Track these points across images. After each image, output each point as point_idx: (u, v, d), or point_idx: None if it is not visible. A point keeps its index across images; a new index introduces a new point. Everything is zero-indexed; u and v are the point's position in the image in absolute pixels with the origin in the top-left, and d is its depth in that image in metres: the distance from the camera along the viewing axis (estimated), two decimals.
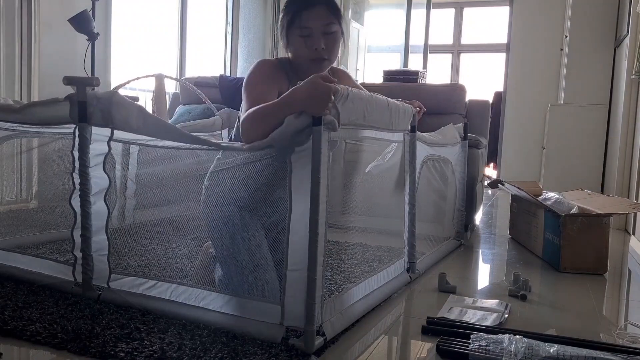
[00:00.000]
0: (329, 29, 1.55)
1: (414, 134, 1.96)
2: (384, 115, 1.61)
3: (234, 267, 1.50)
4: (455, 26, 7.28)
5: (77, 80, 1.54)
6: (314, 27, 1.53)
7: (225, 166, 1.58)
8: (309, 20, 1.53)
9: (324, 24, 1.54)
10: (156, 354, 1.23)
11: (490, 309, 1.68)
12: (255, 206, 1.58)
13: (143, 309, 1.51)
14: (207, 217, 1.57)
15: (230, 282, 1.50)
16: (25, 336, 1.32)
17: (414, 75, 3.91)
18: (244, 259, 1.49)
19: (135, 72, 4.24)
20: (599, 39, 4.48)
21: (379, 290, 1.72)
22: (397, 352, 1.39)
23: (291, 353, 1.26)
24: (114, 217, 2.62)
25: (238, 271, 1.49)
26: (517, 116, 5.71)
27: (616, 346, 1.37)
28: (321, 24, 1.53)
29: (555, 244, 2.34)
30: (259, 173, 1.53)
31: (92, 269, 1.62)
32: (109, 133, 1.59)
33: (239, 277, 1.48)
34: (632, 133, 3.46)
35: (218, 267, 1.63)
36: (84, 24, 3.10)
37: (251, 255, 1.49)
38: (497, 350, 1.26)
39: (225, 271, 1.53)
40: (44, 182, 3.03)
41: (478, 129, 3.28)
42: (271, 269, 1.51)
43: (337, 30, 1.57)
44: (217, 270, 1.64)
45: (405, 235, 2.00)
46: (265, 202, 1.61)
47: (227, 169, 1.58)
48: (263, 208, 1.62)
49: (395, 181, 2.05)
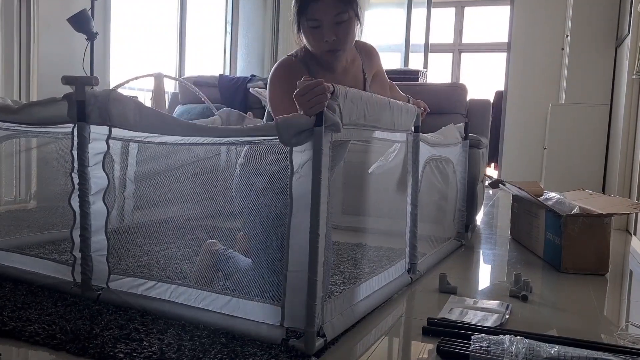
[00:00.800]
0: (339, 18, 1.49)
1: (417, 134, 1.95)
2: (385, 115, 1.61)
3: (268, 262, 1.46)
4: (456, 25, 7.27)
5: (75, 80, 1.54)
6: (323, 19, 1.48)
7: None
8: (317, 12, 1.47)
9: (333, 14, 1.47)
10: (155, 354, 1.22)
11: (491, 309, 1.68)
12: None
13: (142, 309, 1.51)
14: (246, 185, 1.53)
15: (260, 277, 1.47)
16: (24, 337, 1.32)
17: (415, 75, 3.91)
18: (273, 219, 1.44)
19: (135, 71, 4.24)
20: (600, 39, 4.47)
21: (379, 292, 1.71)
22: (398, 353, 1.38)
23: (291, 354, 1.25)
24: (113, 217, 2.62)
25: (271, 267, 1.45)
26: (518, 116, 5.70)
27: (617, 347, 1.37)
28: (331, 15, 1.47)
29: (556, 245, 2.33)
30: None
31: (91, 270, 1.61)
32: (107, 131, 1.58)
33: (270, 274, 1.45)
34: (634, 133, 3.45)
35: (233, 262, 1.61)
36: (83, 23, 3.10)
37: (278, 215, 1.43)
38: (498, 351, 1.25)
39: (256, 263, 1.50)
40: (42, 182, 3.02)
41: (479, 129, 3.27)
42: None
43: (348, 18, 1.50)
44: (232, 264, 1.62)
45: (407, 236, 1.99)
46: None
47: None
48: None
49: (397, 182, 2.04)
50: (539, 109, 5.50)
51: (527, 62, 5.67)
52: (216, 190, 3.22)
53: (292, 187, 1.29)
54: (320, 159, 1.24)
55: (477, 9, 7.24)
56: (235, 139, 1.46)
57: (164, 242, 2.41)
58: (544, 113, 5.26)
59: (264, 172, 1.50)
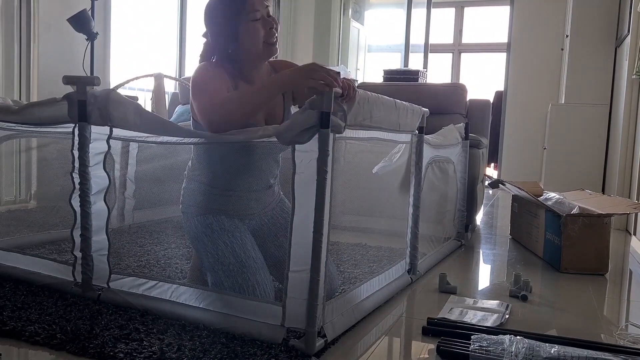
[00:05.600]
0: (269, 10, 1.59)
1: (421, 135, 1.95)
2: (391, 116, 1.61)
3: (221, 273, 1.48)
4: (456, 25, 7.27)
5: (77, 80, 1.54)
6: (261, 10, 1.54)
7: (194, 171, 1.60)
8: (255, 3, 1.52)
9: (265, 5, 1.56)
10: (155, 354, 1.22)
11: (491, 309, 1.68)
12: (230, 207, 1.58)
13: (143, 309, 1.51)
14: (188, 230, 1.60)
15: (221, 287, 1.48)
16: (24, 337, 1.32)
17: (415, 75, 3.91)
18: (230, 262, 1.48)
19: (135, 71, 4.23)
20: (600, 39, 4.47)
21: (380, 292, 1.71)
22: (398, 353, 1.38)
23: (291, 354, 1.25)
24: (114, 217, 2.62)
25: (226, 275, 1.47)
26: (517, 116, 5.71)
27: (617, 347, 1.37)
28: (264, 6, 1.56)
29: (556, 244, 2.33)
30: (224, 160, 1.56)
31: (91, 269, 1.61)
32: (108, 131, 1.59)
33: (228, 281, 1.47)
34: (633, 133, 3.45)
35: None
36: (83, 23, 3.10)
37: (236, 257, 1.48)
38: (497, 351, 1.25)
39: (214, 279, 1.51)
40: (43, 182, 3.02)
41: (479, 129, 3.27)
42: (260, 268, 1.49)
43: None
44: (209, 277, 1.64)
45: (408, 236, 1.99)
46: (241, 200, 1.59)
47: (195, 174, 1.60)
48: (239, 209, 1.61)
49: (399, 182, 2.05)
50: (538, 109, 5.51)
51: (526, 62, 5.67)
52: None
53: (294, 186, 1.29)
54: (325, 160, 1.24)
55: (476, 9, 7.24)
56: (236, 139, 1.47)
57: (165, 242, 2.41)
58: (544, 113, 5.27)
59: (201, 196, 1.58)
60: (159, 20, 4.75)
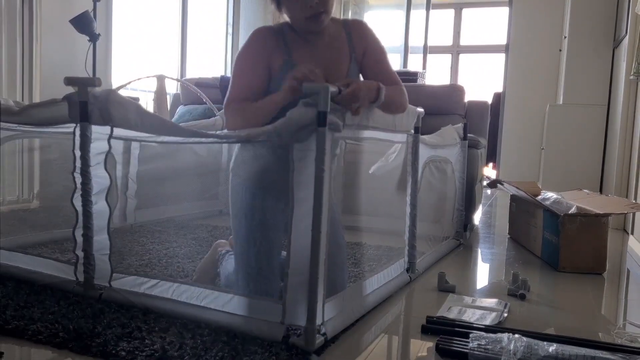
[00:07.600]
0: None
1: (417, 135, 1.97)
2: (387, 116, 1.62)
3: (243, 265, 1.50)
4: (455, 27, 7.28)
5: (78, 81, 1.55)
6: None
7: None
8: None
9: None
10: (157, 353, 1.24)
11: (490, 308, 1.69)
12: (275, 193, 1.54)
13: (145, 308, 1.52)
14: (232, 207, 1.59)
15: (237, 277, 1.50)
16: (27, 335, 1.33)
17: (414, 76, 3.92)
18: (252, 261, 1.49)
19: (137, 72, 4.25)
20: (598, 40, 4.48)
21: (379, 290, 1.72)
22: (397, 351, 1.39)
23: (292, 352, 1.26)
24: (115, 217, 2.63)
25: (247, 269, 1.49)
26: (516, 116, 5.72)
27: (615, 345, 1.38)
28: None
29: (554, 244, 2.34)
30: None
31: (93, 269, 1.62)
32: (109, 131, 1.60)
33: (243, 276, 1.48)
34: (631, 133, 3.47)
35: (224, 265, 1.63)
36: (85, 24, 3.11)
37: (257, 260, 1.49)
38: (496, 349, 1.26)
39: (237, 265, 1.54)
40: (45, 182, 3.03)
41: (477, 130, 3.29)
42: (273, 277, 1.50)
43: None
44: (224, 267, 1.64)
45: (406, 235, 2.01)
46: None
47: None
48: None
49: (397, 182, 2.06)
50: (537, 110, 5.52)
51: (525, 63, 5.69)
52: (217, 189, 3.24)
53: (293, 185, 1.30)
54: (323, 159, 1.25)
55: (475, 10, 7.26)
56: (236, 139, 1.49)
57: (166, 241, 2.43)
58: (542, 114, 5.28)
59: (253, 175, 1.55)
60: (160, 22, 4.76)
